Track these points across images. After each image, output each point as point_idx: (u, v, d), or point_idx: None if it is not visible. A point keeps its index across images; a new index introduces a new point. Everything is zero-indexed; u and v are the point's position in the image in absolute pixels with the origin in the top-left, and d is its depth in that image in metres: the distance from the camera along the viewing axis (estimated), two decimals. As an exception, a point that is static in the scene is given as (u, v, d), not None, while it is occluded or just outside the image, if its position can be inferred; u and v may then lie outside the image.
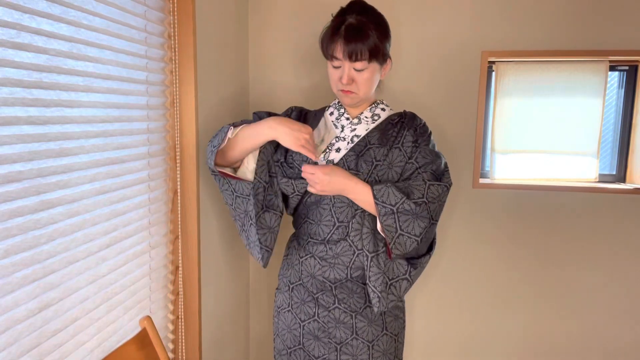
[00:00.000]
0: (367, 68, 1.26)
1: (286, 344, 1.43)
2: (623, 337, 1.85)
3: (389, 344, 1.37)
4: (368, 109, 1.38)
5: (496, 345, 1.92)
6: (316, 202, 1.34)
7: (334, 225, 1.33)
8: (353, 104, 1.35)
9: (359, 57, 1.23)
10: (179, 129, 1.42)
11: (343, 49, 1.23)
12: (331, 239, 1.34)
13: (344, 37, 1.23)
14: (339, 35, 1.24)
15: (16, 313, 0.90)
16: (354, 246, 1.32)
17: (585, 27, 1.70)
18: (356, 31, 1.23)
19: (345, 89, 1.29)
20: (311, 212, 1.37)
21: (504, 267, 1.87)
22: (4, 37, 0.84)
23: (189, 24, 1.37)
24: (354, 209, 1.32)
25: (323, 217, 1.34)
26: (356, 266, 1.34)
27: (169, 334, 1.47)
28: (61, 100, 0.98)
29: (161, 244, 1.40)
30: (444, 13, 1.76)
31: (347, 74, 1.26)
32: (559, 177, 1.84)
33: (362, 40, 1.22)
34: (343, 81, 1.27)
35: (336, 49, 1.25)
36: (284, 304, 1.44)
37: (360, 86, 1.29)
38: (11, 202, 0.87)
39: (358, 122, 1.36)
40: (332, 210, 1.33)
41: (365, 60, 1.24)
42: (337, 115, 1.39)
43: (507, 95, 1.82)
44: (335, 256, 1.34)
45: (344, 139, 1.35)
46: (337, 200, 1.32)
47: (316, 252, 1.36)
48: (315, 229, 1.36)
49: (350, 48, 1.23)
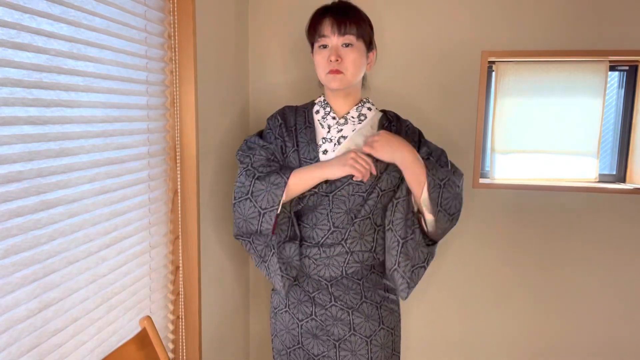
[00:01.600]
0: (355, 45, 1.28)
1: (285, 344, 1.43)
2: (623, 337, 1.85)
3: (387, 337, 1.38)
4: (354, 108, 1.38)
5: (494, 344, 1.92)
6: (313, 206, 1.34)
7: (329, 230, 1.34)
8: (341, 87, 1.32)
9: (347, 30, 1.27)
10: (179, 129, 1.42)
11: (331, 23, 1.27)
12: (325, 242, 1.34)
13: (332, 12, 1.29)
14: (326, 12, 1.30)
15: (16, 313, 0.90)
16: (347, 248, 1.34)
17: (585, 27, 1.70)
18: (344, 7, 1.31)
19: (333, 67, 1.28)
20: (306, 216, 1.37)
21: (503, 266, 1.87)
22: (4, 37, 0.84)
23: (189, 24, 1.37)
24: (351, 216, 1.33)
25: (319, 222, 1.35)
26: (350, 265, 1.34)
27: (169, 334, 1.47)
28: (61, 100, 0.98)
29: (161, 244, 1.40)
30: (444, 13, 1.76)
31: (335, 50, 1.28)
32: (559, 177, 1.84)
33: (349, 14, 1.29)
34: (331, 58, 1.27)
35: (324, 25, 1.28)
36: (280, 304, 1.44)
37: (348, 65, 1.29)
38: (11, 202, 0.87)
39: (344, 123, 1.36)
40: (329, 216, 1.33)
41: (353, 34, 1.27)
42: (323, 114, 1.38)
43: (507, 95, 1.82)
44: (329, 257, 1.34)
45: (330, 140, 1.35)
46: (334, 206, 1.33)
47: (310, 254, 1.36)
48: (309, 232, 1.36)
49: (339, 20, 1.27)
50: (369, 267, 1.38)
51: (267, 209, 1.27)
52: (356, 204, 1.32)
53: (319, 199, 1.33)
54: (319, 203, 1.33)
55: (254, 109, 1.91)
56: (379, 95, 1.77)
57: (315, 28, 1.31)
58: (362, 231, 1.35)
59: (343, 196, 1.32)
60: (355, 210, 1.33)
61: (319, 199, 1.33)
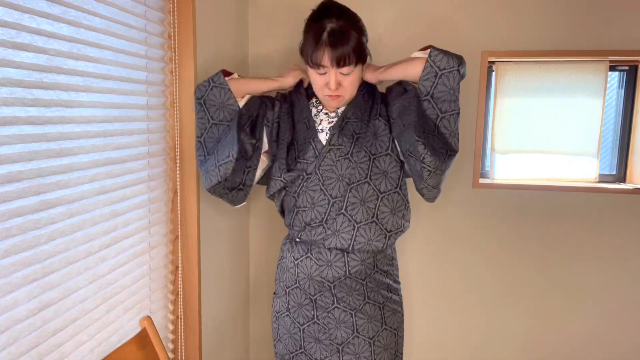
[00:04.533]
0: (353, 71, 1.27)
1: (288, 349, 1.43)
2: (624, 337, 1.85)
3: (390, 338, 1.37)
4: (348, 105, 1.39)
5: (494, 345, 1.92)
6: (304, 188, 1.35)
7: (329, 203, 1.33)
8: (339, 106, 1.36)
9: (346, 62, 1.23)
10: (179, 129, 1.42)
11: (330, 56, 1.22)
12: (328, 218, 1.33)
13: (330, 44, 1.21)
14: (322, 43, 1.22)
15: (16, 313, 0.90)
16: (353, 220, 1.32)
17: (585, 27, 1.70)
18: (340, 36, 1.21)
19: (332, 94, 1.29)
20: (300, 199, 1.36)
21: (503, 266, 1.87)
22: (4, 37, 0.84)
23: (189, 24, 1.37)
24: (345, 181, 1.32)
25: (315, 200, 1.34)
26: (356, 254, 1.33)
27: (169, 334, 1.47)
28: (61, 100, 0.98)
29: (161, 244, 1.40)
30: (443, 13, 1.76)
31: (334, 80, 1.26)
32: (559, 177, 1.84)
33: (347, 44, 1.21)
34: (332, 87, 1.26)
35: (323, 57, 1.23)
36: (282, 308, 1.44)
37: (347, 89, 1.29)
38: (11, 202, 0.87)
39: (336, 116, 1.38)
40: (323, 188, 1.33)
41: (352, 64, 1.24)
42: (316, 111, 1.40)
43: (507, 95, 1.82)
44: (335, 234, 1.32)
45: (322, 131, 1.36)
46: (325, 177, 1.32)
47: (314, 236, 1.34)
48: (310, 214, 1.35)
49: (338, 54, 1.21)
50: (372, 266, 1.37)
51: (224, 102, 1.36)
52: (346, 167, 1.32)
53: (309, 179, 1.34)
54: (309, 180, 1.34)
55: (254, 109, 1.91)
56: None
57: (311, 57, 1.24)
58: (362, 197, 1.31)
59: (329, 164, 1.32)
60: (349, 174, 1.32)
61: (309, 180, 1.34)
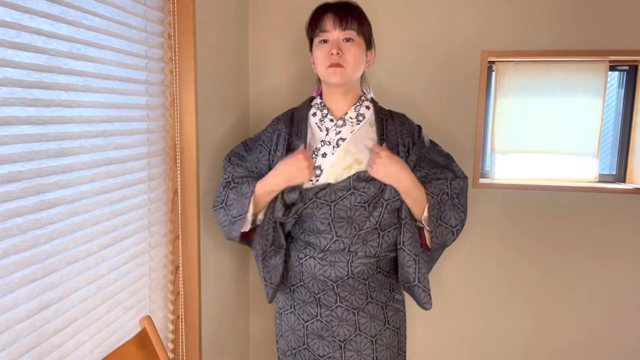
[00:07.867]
0: (355, 40, 1.30)
1: (290, 345, 1.43)
2: (624, 337, 1.85)
3: (392, 337, 1.38)
4: (353, 108, 1.36)
5: (494, 345, 1.92)
6: (311, 214, 1.33)
7: (332, 239, 1.33)
8: (342, 82, 1.30)
9: (348, 25, 1.28)
10: (179, 129, 1.42)
11: (333, 18, 1.28)
12: (330, 249, 1.34)
13: (334, 8, 1.30)
14: (328, 9, 1.31)
15: (16, 313, 0.90)
16: (352, 252, 1.33)
17: (585, 27, 1.70)
18: (345, 4, 1.33)
19: (334, 61, 1.28)
20: (307, 224, 1.36)
21: (503, 266, 1.87)
22: (4, 37, 0.84)
23: (189, 24, 1.37)
24: (354, 227, 1.32)
25: (321, 231, 1.34)
26: (355, 265, 1.34)
27: (169, 334, 1.47)
28: (61, 100, 0.98)
29: (161, 244, 1.40)
30: (444, 13, 1.76)
31: (336, 43, 1.29)
32: (559, 177, 1.84)
33: (351, 11, 1.30)
34: (333, 51, 1.27)
35: (326, 20, 1.29)
36: (285, 305, 1.44)
37: (349, 59, 1.28)
38: (11, 202, 0.87)
39: (343, 124, 1.34)
40: (332, 225, 1.33)
41: (354, 30, 1.29)
42: (321, 116, 1.37)
43: (507, 95, 1.82)
44: (334, 262, 1.34)
45: (329, 143, 1.33)
46: (336, 216, 1.31)
47: (315, 254, 1.36)
48: (313, 240, 1.36)
49: (340, 15, 1.28)
50: (374, 267, 1.37)
51: (236, 218, 1.32)
52: (360, 215, 1.31)
53: (318, 206, 1.31)
54: (318, 210, 1.32)
55: (253, 108, 1.91)
56: (379, 95, 1.76)
57: (316, 23, 1.32)
58: (366, 238, 1.34)
59: (345, 206, 1.30)
60: (360, 221, 1.32)
61: (318, 207, 1.31)
